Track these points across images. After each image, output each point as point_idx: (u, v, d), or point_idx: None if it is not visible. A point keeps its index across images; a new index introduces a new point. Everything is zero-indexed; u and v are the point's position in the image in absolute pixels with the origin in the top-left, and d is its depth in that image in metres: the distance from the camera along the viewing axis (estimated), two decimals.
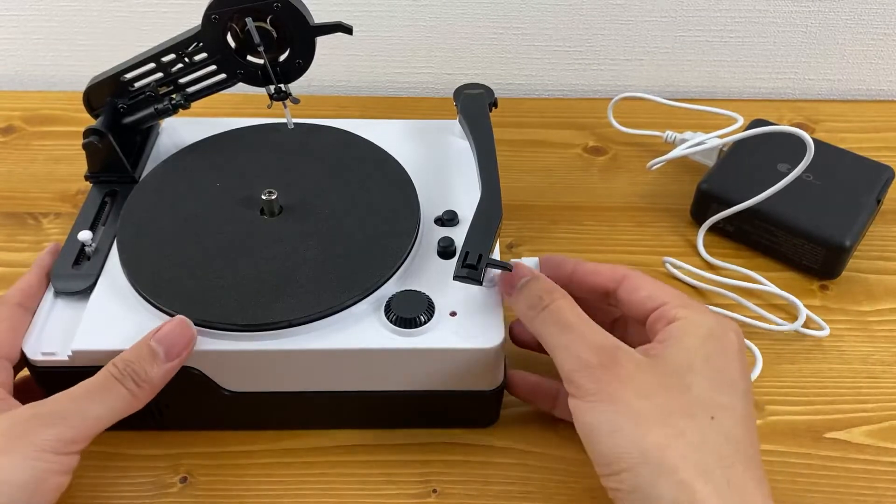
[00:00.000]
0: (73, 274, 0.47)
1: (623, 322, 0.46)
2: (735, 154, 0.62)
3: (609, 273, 0.44)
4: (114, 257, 0.47)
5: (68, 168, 0.66)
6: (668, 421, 0.36)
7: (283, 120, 0.53)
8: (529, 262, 0.46)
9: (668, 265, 0.58)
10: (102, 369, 0.40)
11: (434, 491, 0.45)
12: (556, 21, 0.73)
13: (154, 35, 0.52)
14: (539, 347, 0.43)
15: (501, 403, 0.48)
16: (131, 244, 0.47)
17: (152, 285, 0.44)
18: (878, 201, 0.59)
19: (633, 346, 0.39)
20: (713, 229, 0.60)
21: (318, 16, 0.50)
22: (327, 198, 0.50)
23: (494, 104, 0.57)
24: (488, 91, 0.57)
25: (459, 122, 0.56)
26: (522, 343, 0.48)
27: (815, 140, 0.61)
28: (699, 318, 0.40)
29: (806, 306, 0.54)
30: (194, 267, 0.46)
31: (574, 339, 0.39)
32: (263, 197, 0.48)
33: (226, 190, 0.51)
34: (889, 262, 0.59)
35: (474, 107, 0.56)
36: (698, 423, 0.36)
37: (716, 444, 0.36)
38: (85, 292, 0.46)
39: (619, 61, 0.76)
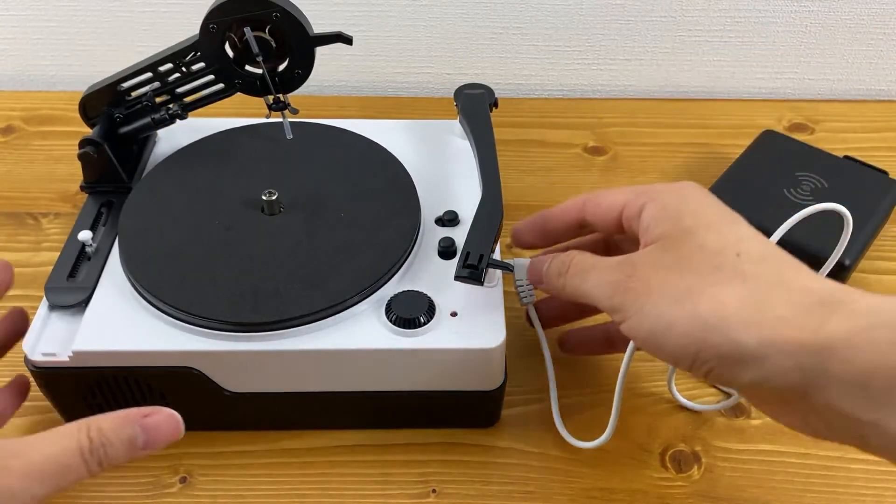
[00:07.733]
0: (68, 287, 0.46)
1: (617, 248, 0.48)
2: (740, 168, 0.61)
3: (571, 204, 0.45)
4: (115, 258, 0.47)
5: (68, 168, 0.66)
6: (705, 283, 0.36)
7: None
8: (521, 262, 0.46)
9: None
10: (73, 432, 0.34)
11: (434, 491, 0.45)
12: (556, 21, 0.73)
13: (154, 35, 0.52)
14: (589, 348, 0.50)
15: (502, 403, 0.48)
16: (132, 244, 0.47)
17: (153, 286, 0.44)
18: (887, 216, 0.58)
19: None
20: None
21: (318, 16, 0.49)
22: (328, 198, 0.50)
23: (495, 104, 0.57)
24: (489, 91, 0.57)
25: (460, 121, 0.56)
26: (572, 348, 0.51)
27: (825, 152, 0.60)
28: (659, 191, 0.41)
29: None
30: (195, 267, 0.46)
31: (597, 272, 0.40)
32: (264, 197, 0.48)
33: (226, 190, 0.51)
34: (889, 263, 0.59)
35: (475, 107, 0.56)
36: (730, 266, 0.36)
37: (755, 272, 0.36)
38: (79, 306, 0.45)
39: (619, 61, 0.76)
